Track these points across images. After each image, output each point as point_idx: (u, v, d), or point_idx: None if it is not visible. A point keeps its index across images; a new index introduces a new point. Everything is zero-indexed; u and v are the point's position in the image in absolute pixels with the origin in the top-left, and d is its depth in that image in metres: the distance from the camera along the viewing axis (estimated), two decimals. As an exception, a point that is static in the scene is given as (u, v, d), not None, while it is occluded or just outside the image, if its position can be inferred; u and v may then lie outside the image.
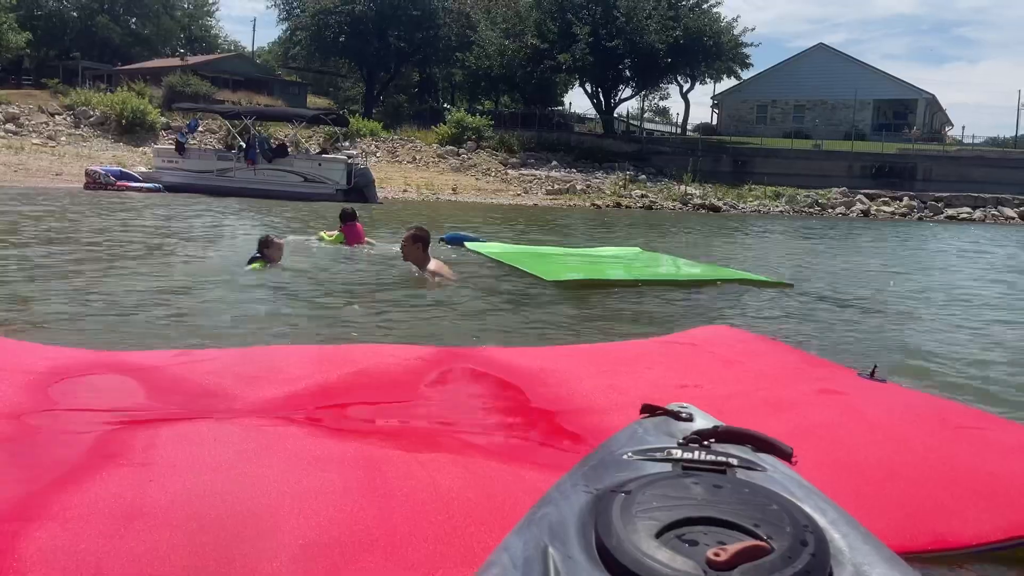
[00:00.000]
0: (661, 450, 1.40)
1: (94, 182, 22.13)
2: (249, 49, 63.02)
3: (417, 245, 6.41)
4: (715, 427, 1.51)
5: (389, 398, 2.67)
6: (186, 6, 60.80)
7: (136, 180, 23.04)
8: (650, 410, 1.70)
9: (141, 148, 31.14)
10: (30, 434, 2.10)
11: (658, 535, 1.11)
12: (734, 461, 1.35)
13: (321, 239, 9.56)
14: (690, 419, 1.62)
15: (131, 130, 32.83)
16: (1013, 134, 52.41)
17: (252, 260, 6.56)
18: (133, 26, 54.24)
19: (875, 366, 3.26)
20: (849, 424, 2.63)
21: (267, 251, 6.54)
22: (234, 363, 2.89)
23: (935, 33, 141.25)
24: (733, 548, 1.05)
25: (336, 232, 9.47)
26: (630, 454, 1.41)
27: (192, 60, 45.94)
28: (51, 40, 49.60)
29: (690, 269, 8.18)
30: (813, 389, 2.96)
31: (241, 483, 1.84)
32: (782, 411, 2.74)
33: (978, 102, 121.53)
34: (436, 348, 3.31)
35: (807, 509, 1.19)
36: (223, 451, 2.01)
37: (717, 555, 1.05)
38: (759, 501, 1.17)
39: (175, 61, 45.71)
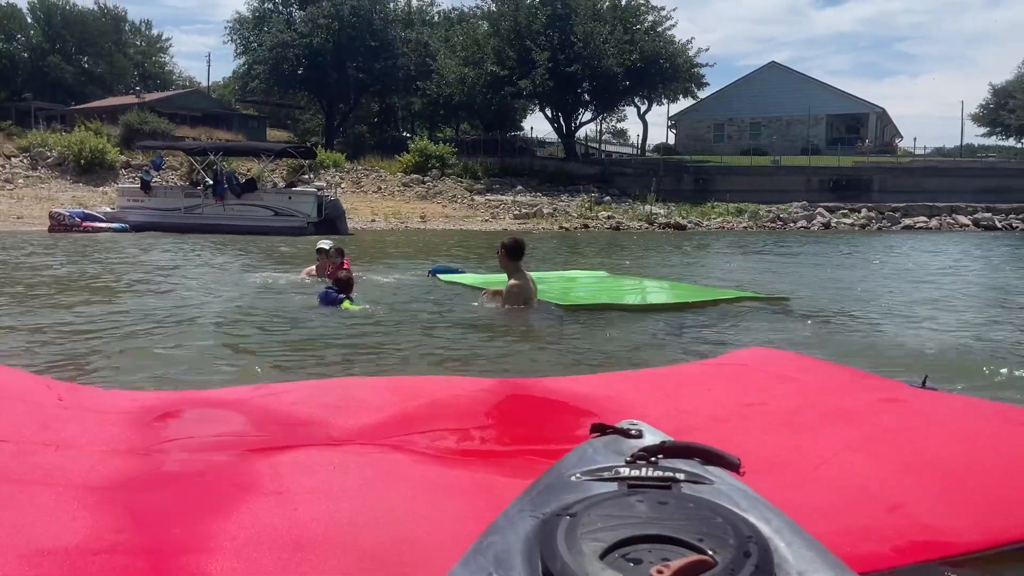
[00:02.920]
0: (609, 469, 1.38)
1: (59, 224, 21.74)
2: (204, 84, 62.66)
3: (503, 254, 6.48)
4: (662, 443, 1.50)
5: (473, 426, 2.69)
6: (139, 43, 60.34)
7: (101, 220, 22.68)
8: (600, 429, 1.70)
9: (101, 188, 30.67)
10: (160, 468, 2.10)
11: (603, 556, 1.10)
12: (681, 476, 1.34)
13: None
14: (640, 436, 1.61)
15: (90, 170, 32.28)
16: (958, 144, 54.31)
17: (337, 300, 6.62)
18: (85, 65, 53.61)
19: (926, 376, 3.35)
20: (919, 427, 2.72)
21: (344, 288, 6.66)
22: (315, 394, 2.89)
23: (876, 49, 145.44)
24: (676, 564, 1.05)
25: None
26: (578, 475, 1.39)
27: (149, 97, 45.49)
28: (2, 81, 48.76)
29: (656, 294, 8.17)
30: (875, 399, 3.04)
31: (382, 510, 1.86)
32: (851, 420, 2.82)
33: (921, 114, 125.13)
34: (499, 380, 3.34)
35: (752, 519, 1.19)
36: (348, 478, 2.04)
37: (660, 572, 1.04)
38: (703, 515, 1.17)
39: (131, 99, 45.20)
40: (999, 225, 33.06)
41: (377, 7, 44.67)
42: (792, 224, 33.06)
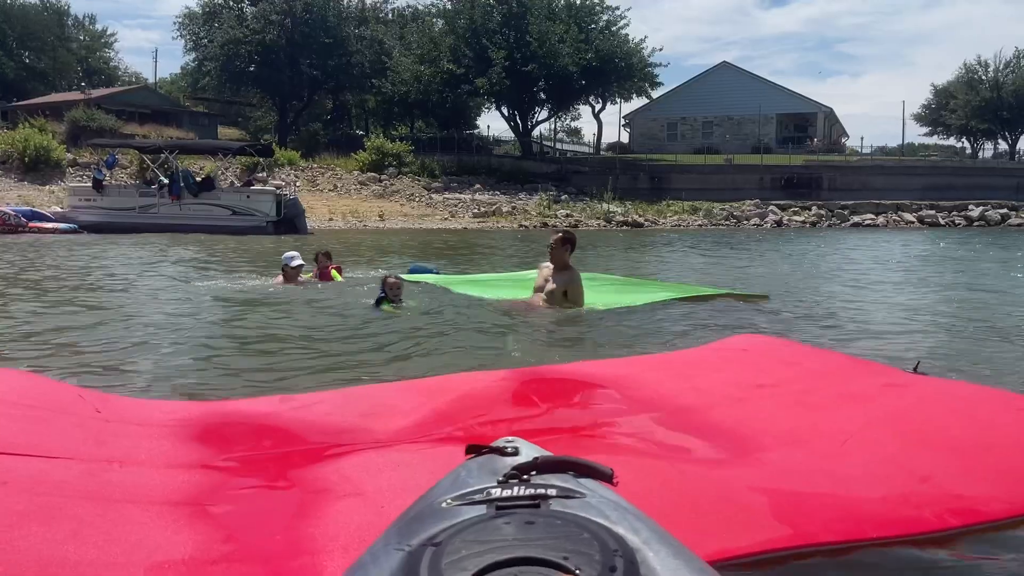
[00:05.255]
0: (481, 491, 1.31)
1: (3, 224, 21.07)
2: (152, 80, 61.29)
3: (565, 247, 6.47)
4: (535, 459, 1.45)
5: (505, 415, 2.75)
6: (82, 38, 58.75)
7: (49, 220, 22.07)
8: (475, 450, 1.62)
9: (48, 186, 29.79)
10: (230, 481, 2.11)
11: None
12: (552, 492, 1.29)
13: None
14: (515, 453, 1.53)
15: (35, 168, 31.28)
16: (900, 143, 55.90)
17: (379, 301, 6.65)
18: (27, 60, 52.00)
19: (918, 361, 3.52)
20: (928, 409, 2.88)
21: (390, 291, 6.71)
22: (345, 403, 2.91)
23: (819, 50, 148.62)
24: None
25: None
26: (449, 501, 1.31)
27: (95, 93, 44.25)
28: (-61, 77, 47.14)
29: (634, 291, 8.23)
30: (878, 383, 3.19)
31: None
32: (861, 401, 2.96)
33: (863, 113, 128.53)
34: (516, 369, 3.39)
35: (620, 531, 1.16)
36: (415, 474, 2.06)
37: None
38: (570, 531, 1.14)
39: (76, 95, 43.92)
40: (943, 222, 34.16)
41: (331, 3, 44.21)
42: (745, 222, 33.68)
